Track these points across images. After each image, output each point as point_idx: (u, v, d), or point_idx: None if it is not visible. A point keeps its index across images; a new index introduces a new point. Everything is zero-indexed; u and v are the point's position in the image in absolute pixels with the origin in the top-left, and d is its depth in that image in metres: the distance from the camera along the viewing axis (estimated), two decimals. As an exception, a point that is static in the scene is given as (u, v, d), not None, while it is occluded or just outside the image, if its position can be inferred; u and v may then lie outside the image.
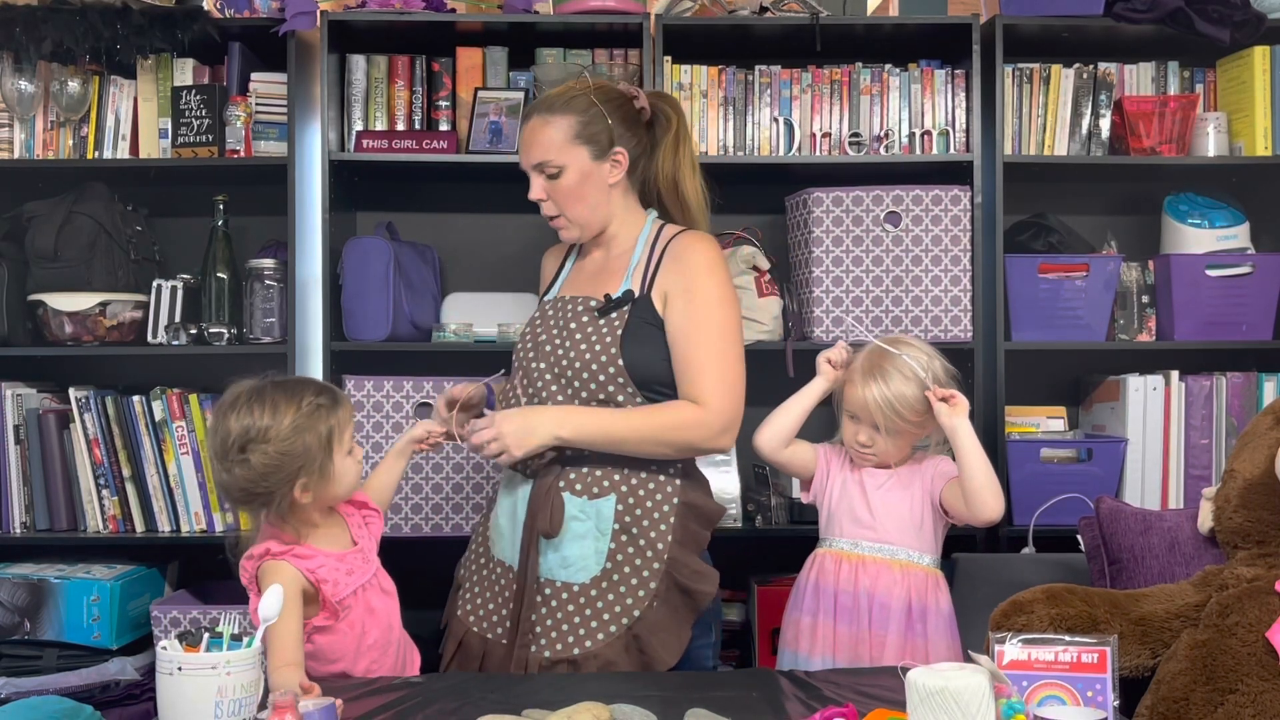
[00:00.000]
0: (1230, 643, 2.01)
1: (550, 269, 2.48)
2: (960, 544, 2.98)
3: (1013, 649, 1.71)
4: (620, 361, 2.20)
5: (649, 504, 2.22)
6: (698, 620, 2.24)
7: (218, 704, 1.61)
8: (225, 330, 3.09)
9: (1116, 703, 1.70)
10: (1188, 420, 3.12)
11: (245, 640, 1.67)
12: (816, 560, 2.42)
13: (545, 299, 2.39)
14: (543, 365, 2.26)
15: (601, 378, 2.21)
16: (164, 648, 1.65)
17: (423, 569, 2.64)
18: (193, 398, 3.08)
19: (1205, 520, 2.30)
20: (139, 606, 2.99)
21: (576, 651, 2.17)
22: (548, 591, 2.21)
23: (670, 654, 2.18)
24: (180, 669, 1.62)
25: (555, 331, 2.28)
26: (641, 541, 2.21)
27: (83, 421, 3.06)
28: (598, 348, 2.22)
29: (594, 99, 2.27)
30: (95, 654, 2.89)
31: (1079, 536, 2.55)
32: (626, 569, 2.20)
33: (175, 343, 3.09)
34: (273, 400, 2.00)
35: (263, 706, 1.65)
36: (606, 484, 2.21)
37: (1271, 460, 2.16)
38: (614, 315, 2.23)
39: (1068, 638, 1.74)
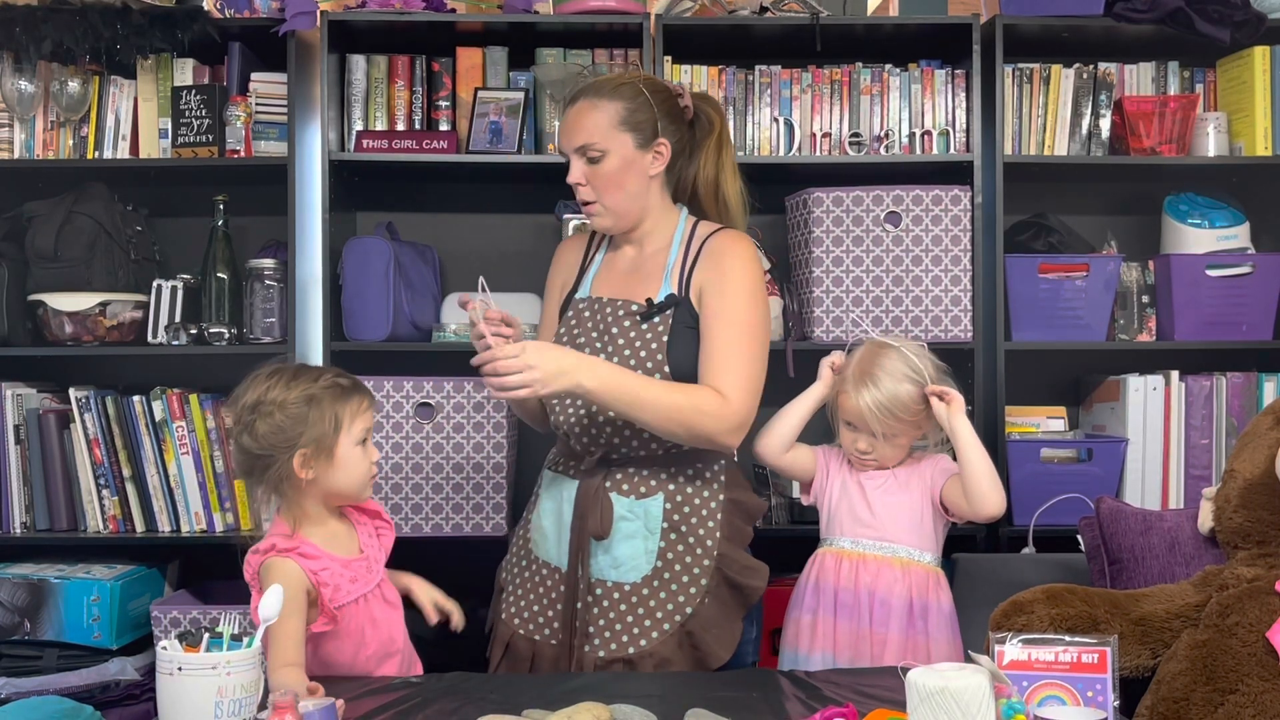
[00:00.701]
0: (1230, 643, 2.01)
1: (571, 262, 2.43)
2: (960, 544, 2.98)
3: (1013, 649, 1.71)
4: (666, 368, 2.20)
5: (696, 502, 2.23)
6: (746, 615, 2.26)
7: (218, 704, 1.61)
8: (225, 330, 3.09)
9: (1116, 703, 1.70)
10: (1188, 420, 3.12)
11: (245, 640, 1.67)
12: (817, 560, 2.42)
13: (577, 297, 2.34)
14: None
15: None
16: (164, 648, 1.65)
17: (423, 570, 2.64)
18: (193, 398, 3.08)
19: (1205, 520, 2.30)
20: (139, 606, 2.99)
21: (631, 650, 2.18)
22: (599, 592, 2.22)
23: (724, 649, 2.20)
24: (180, 669, 1.62)
25: (595, 335, 2.26)
26: (691, 539, 2.22)
27: (83, 421, 3.06)
28: (643, 354, 2.21)
29: (642, 88, 2.26)
30: (95, 654, 2.89)
31: (1079, 536, 2.55)
32: (677, 567, 2.21)
33: (175, 343, 3.09)
34: (292, 375, 2.03)
35: (263, 706, 1.65)
36: (654, 483, 2.22)
37: (1271, 460, 2.16)
38: (657, 320, 2.22)
39: (1068, 638, 1.74)
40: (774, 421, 2.46)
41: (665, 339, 2.21)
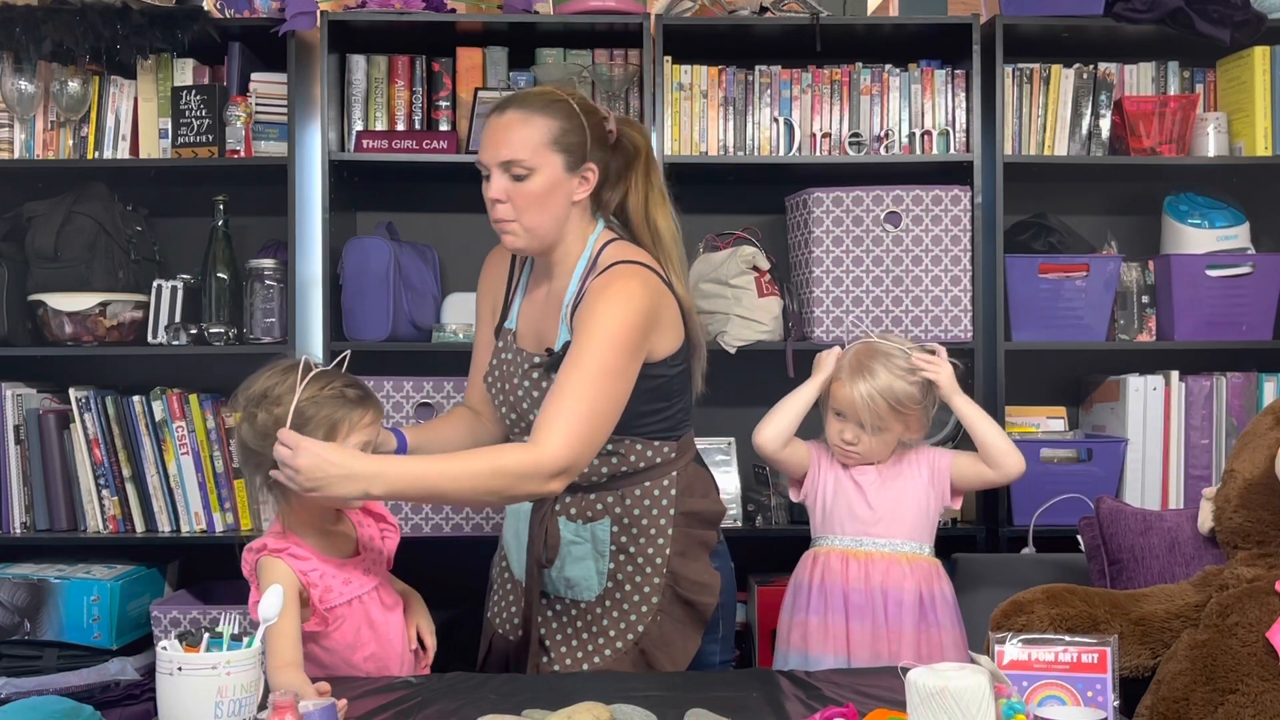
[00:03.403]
0: (1230, 643, 2.01)
1: (497, 279, 2.32)
2: (960, 544, 2.98)
3: (1013, 649, 1.71)
4: None
5: (644, 522, 2.18)
6: (706, 629, 2.22)
7: (218, 704, 1.61)
8: (225, 330, 3.09)
9: (1116, 703, 1.70)
10: (1188, 420, 3.12)
11: (245, 640, 1.67)
12: (819, 560, 2.42)
13: (506, 327, 2.26)
14: (514, 415, 2.20)
15: None
16: (164, 648, 1.65)
17: (423, 569, 2.64)
18: (193, 398, 3.08)
19: (1205, 520, 2.30)
20: (139, 606, 2.99)
21: (585, 666, 2.17)
22: (559, 607, 2.22)
23: (676, 665, 2.17)
24: (180, 669, 1.62)
25: (516, 381, 2.19)
26: (640, 559, 2.18)
27: (83, 421, 3.06)
28: None
29: (576, 108, 2.14)
30: (95, 654, 2.89)
31: (1079, 536, 2.55)
32: (628, 586, 2.18)
33: (175, 343, 3.09)
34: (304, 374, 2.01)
35: (263, 706, 1.65)
36: (600, 507, 2.18)
37: (1271, 460, 2.16)
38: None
39: (1068, 638, 1.74)
40: (773, 414, 2.46)
41: None
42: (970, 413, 2.38)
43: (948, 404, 2.39)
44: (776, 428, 2.44)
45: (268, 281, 3.10)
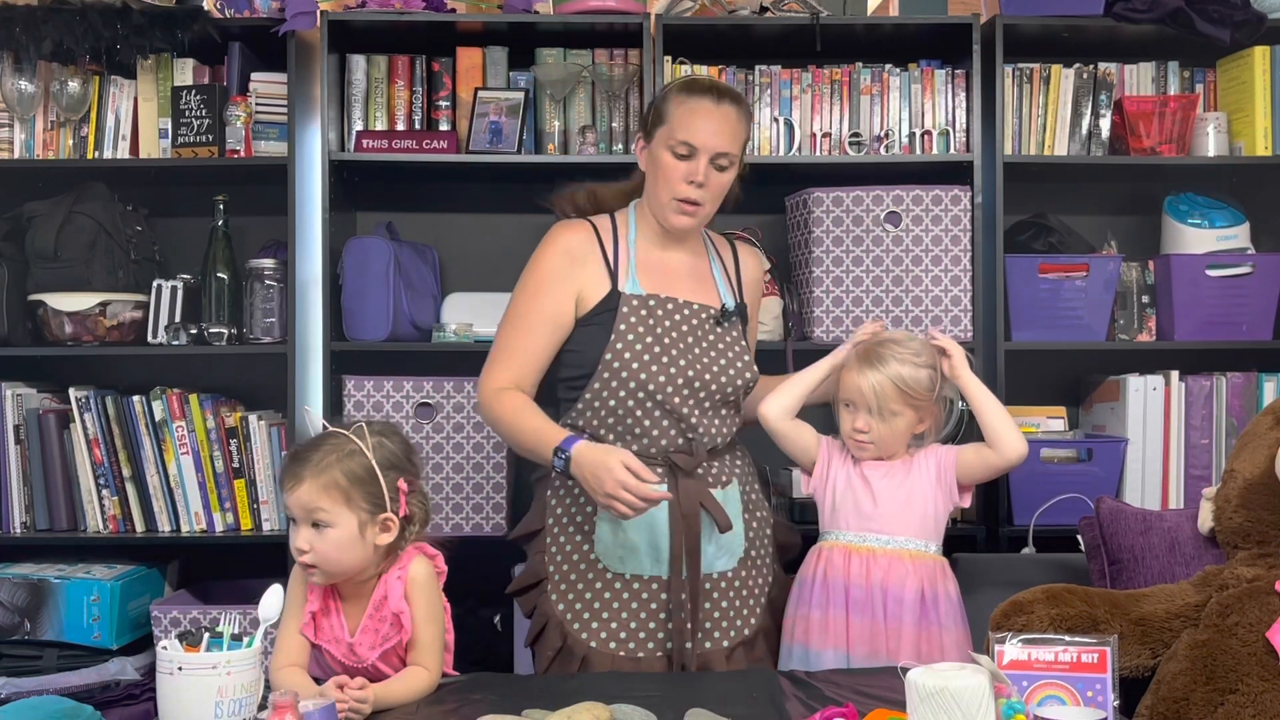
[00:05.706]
0: (1230, 643, 2.01)
1: (584, 252, 2.38)
2: (960, 544, 2.98)
3: (1013, 649, 1.71)
4: (755, 367, 2.41)
5: (750, 475, 2.46)
6: None
7: (218, 704, 1.61)
8: (225, 330, 3.09)
9: (1116, 703, 1.71)
10: (1188, 420, 3.12)
11: (245, 640, 1.67)
12: (823, 554, 2.42)
13: (628, 292, 2.32)
14: (680, 380, 2.31)
15: (729, 390, 2.37)
16: (164, 648, 1.65)
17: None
18: (193, 398, 3.08)
19: (1205, 520, 2.30)
20: (139, 606, 2.99)
21: (746, 632, 2.36)
22: (708, 586, 2.33)
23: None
24: (180, 669, 1.62)
25: (686, 330, 2.33)
26: (760, 513, 2.45)
27: (83, 421, 3.06)
28: (730, 355, 2.37)
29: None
30: (95, 654, 2.89)
31: (1079, 536, 2.55)
32: (759, 543, 2.42)
33: (175, 343, 3.09)
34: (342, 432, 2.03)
35: (263, 706, 1.65)
36: (725, 476, 2.38)
37: (1271, 460, 2.17)
38: (729, 325, 2.37)
39: (1068, 638, 1.74)
40: (782, 387, 2.50)
41: (744, 342, 2.41)
42: (978, 393, 2.40)
43: (957, 384, 2.40)
44: (781, 401, 2.47)
45: (268, 281, 3.10)
